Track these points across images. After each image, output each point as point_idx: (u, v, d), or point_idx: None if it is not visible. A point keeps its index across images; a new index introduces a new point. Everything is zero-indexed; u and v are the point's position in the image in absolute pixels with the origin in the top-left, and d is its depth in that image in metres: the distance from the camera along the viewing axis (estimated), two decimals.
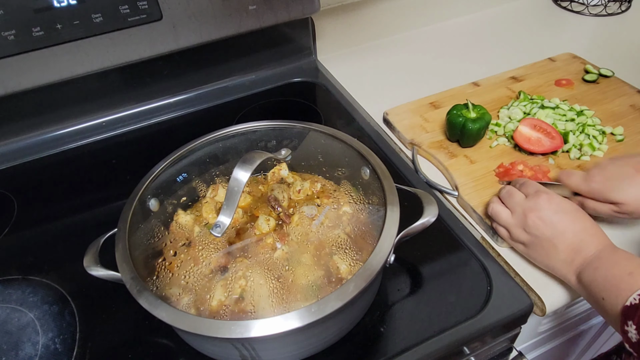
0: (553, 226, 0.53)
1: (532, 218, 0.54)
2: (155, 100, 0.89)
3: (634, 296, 0.44)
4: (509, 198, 0.58)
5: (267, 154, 0.51)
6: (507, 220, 0.58)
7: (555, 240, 0.53)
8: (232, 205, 0.47)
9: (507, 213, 0.58)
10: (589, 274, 0.50)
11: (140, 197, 0.54)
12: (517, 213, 0.56)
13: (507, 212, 0.58)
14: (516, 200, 0.57)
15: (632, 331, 0.43)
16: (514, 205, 0.57)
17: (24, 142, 0.83)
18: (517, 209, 0.56)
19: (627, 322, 0.44)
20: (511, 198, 0.58)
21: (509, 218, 0.57)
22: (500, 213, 0.58)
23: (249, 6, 0.79)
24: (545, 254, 0.55)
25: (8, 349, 0.54)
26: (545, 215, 0.54)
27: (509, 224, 0.57)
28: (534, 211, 0.54)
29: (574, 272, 0.52)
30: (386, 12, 1.04)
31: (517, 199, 0.57)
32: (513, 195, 0.58)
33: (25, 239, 0.68)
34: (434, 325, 0.53)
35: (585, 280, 0.50)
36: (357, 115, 0.85)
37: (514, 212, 0.57)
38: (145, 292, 0.44)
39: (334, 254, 0.48)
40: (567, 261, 0.52)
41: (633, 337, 0.43)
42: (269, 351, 0.47)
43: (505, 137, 0.75)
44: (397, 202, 0.50)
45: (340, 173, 0.56)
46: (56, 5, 0.67)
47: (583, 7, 1.11)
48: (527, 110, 0.78)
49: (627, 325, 0.44)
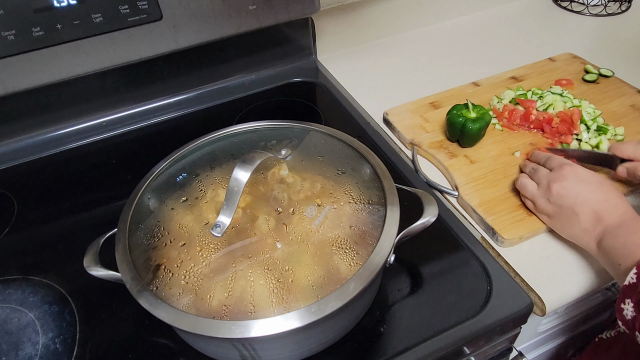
0: (575, 195, 0.55)
1: (555, 188, 0.57)
2: (155, 100, 0.89)
3: (631, 275, 0.45)
4: (535, 173, 0.62)
5: (267, 154, 0.51)
6: (532, 192, 0.61)
7: (577, 209, 0.55)
8: (232, 205, 0.47)
9: (533, 185, 0.61)
10: (608, 241, 0.51)
11: (140, 197, 0.54)
12: (542, 185, 0.59)
13: (533, 184, 0.61)
14: (541, 173, 0.61)
15: (628, 308, 0.44)
16: (539, 178, 0.60)
17: (24, 142, 0.83)
18: (542, 181, 0.60)
19: (625, 299, 0.45)
20: (536, 172, 0.62)
21: (534, 190, 0.61)
22: (527, 185, 0.62)
23: (249, 6, 0.79)
24: (567, 223, 0.56)
25: (8, 349, 0.54)
26: (569, 185, 0.56)
27: (535, 196, 0.60)
28: (557, 181, 0.57)
29: (594, 240, 0.53)
30: (386, 12, 1.04)
31: (542, 172, 0.61)
32: (538, 169, 0.62)
33: (25, 239, 0.68)
34: (434, 325, 0.53)
35: (605, 247, 0.51)
36: (357, 115, 0.85)
37: (540, 185, 0.60)
38: (145, 292, 0.44)
39: (334, 254, 0.48)
40: (588, 229, 0.54)
41: (629, 314, 0.44)
42: (269, 351, 0.47)
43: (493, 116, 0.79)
44: (397, 202, 0.50)
45: (340, 173, 0.56)
46: (56, 5, 0.67)
47: (583, 7, 1.11)
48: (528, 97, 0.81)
49: (625, 303, 0.45)
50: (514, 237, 0.61)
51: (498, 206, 0.65)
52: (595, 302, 0.76)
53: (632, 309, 0.44)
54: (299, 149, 0.59)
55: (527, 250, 0.61)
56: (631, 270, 0.45)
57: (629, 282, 0.45)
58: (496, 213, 0.64)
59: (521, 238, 0.61)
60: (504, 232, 0.61)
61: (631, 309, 0.44)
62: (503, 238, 0.61)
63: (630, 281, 0.45)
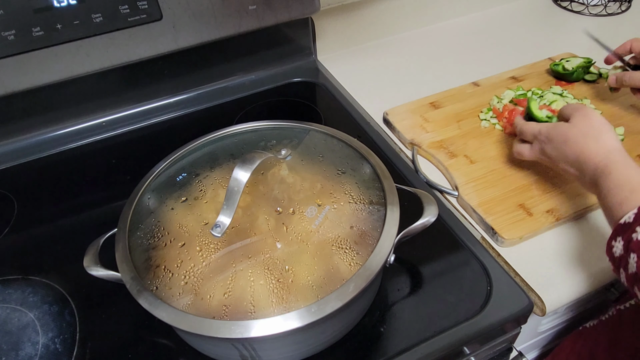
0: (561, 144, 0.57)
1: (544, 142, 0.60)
2: (155, 100, 0.89)
3: (630, 214, 0.45)
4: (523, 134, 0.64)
5: (267, 154, 0.51)
6: (530, 154, 0.63)
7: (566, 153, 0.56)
8: (232, 205, 0.47)
9: (527, 147, 0.63)
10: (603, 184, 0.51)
11: (140, 197, 0.54)
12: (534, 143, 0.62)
13: (527, 146, 0.63)
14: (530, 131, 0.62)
15: (618, 246, 0.45)
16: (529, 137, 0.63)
17: (24, 142, 0.83)
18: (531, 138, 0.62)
19: (617, 237, 0.46)
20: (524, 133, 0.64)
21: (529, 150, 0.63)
22: (523, 150, 0.64)
23: (249, 6, 0.79)
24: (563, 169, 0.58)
25: (8, 349, 0.54)
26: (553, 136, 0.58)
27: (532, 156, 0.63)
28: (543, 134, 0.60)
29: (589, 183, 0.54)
30: (386, 12, 1.04)
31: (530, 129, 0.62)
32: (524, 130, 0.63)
33: (25, 239, 0.68)
34: (434, 325, 0.53)
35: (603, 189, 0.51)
36: (357, 115, 0.85)
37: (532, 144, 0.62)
38: (145, 292, 0.44)
39: (334, 254, 0.48)
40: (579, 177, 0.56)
41: (617, 252, 0.45)
42: (269, 351, 0.47)
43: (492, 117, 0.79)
44: (397, 202, 0.50)
45: (340, 173, 0.56)
46: (56, 5, 0.67)
47: (583, 7, 1.11)
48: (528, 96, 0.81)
49: (615, 241, 0.46)
50: (514, 237, 0.61)
51: (498, 206, 0.65)
52: (595, 302, 0.76)
53: (622, 247, 0.44)
54: (299, 149, 0.59)
55: (527, 250, 0.61)
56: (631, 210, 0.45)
57: (625, 222, 0.45)
58: (496, 213, 0.64)
59: (521, 238, 0.61)
60: (504, 232, 0.61)
61: (620, 247, 0.45)
62: (503, 238, 0.61)
63: (627, 220, 0.45)
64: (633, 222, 0.44)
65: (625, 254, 0.44)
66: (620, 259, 0.45)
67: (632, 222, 0.44)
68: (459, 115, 0.81)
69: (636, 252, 0.43)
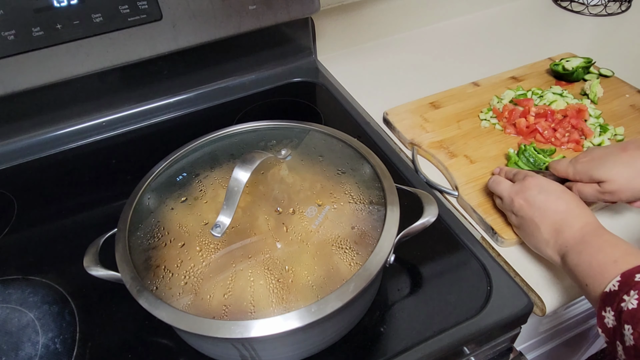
0: (536, 206, 0.55)
1: (518, 200, 0.57)
2: (155, 100, 0.89)
3: (613, 282, 0.43)
4: (497, 186, 0.61)
5: (267, 154, 0.51)
6: (500, 206, 0.61)
7: (537, 220, 0.54)
8: (232, 205, 0.47)
9: (498, 201, 0.62)
10: (573, 257, 0.49)
11: (140, 197, 0.54)
12: (505, 198, 0.59)
13: (498, 200, 0.62)
14: (503, 186, 0.60)
15: (609, 317, 0.43)
16: (501, 191, 0.60)
17: (24, 142, 0.83)
18: (504, 194, 0.59)
19: (606, 307, 0.43)
20: (498, 185, 0.61)
21: (500, 205, 0.61)
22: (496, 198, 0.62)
23: (249, 6, 0.79)
24: (531, 234, 0.56)
25: (8, 349, 0.54)
26: (530, 196, 0.55)
27: (503, 209, 0.61)
28: (519, 193, 0.57)
29: (557, 253, 0.52)
30: (386, 12, 1.04)
31: (504, 185, 0.60)
32: (500, 182, 0.61)
33: (25, 239, 0.68)
34: (434, 325, 0.53)
35: (570, 263, 0.49)
36: (357, 115, 0.85)
37: (504, 198, 0.59)
38: (145, 292, 0.44)
39: (333, 254, 0.48)
40: (549, 241, 0.53)
41: (609, 322, 0.43)
42: (269, 351, 0.47)
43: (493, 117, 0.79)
44: (397, 202, 0.50)
45: (340, 173, 0.56)
46: (56, 5, 0.67)
47: (583, 7, 1.11)
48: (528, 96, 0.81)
49: (605, 311, 0.43)
50: (514, 237, 0.61)
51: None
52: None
53: (613, 318, 0.42)
54: (299, 149, 0.59)
55: (527, 250, 0.61)
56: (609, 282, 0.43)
57: (610, 290, 0.43)
58: (496, 213, 0.64)
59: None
60: (504, 232, 0.61)
61: (612, 318, 0.42)
62: (503, 238, 0.61)
63: (612, 289, 0.43)
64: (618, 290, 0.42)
65: (618, 325, 0.42)
66: (614, 331, 0.42)
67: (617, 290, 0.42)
68: (459, 115, 0.81)
69: (630, 323, 0.40)
